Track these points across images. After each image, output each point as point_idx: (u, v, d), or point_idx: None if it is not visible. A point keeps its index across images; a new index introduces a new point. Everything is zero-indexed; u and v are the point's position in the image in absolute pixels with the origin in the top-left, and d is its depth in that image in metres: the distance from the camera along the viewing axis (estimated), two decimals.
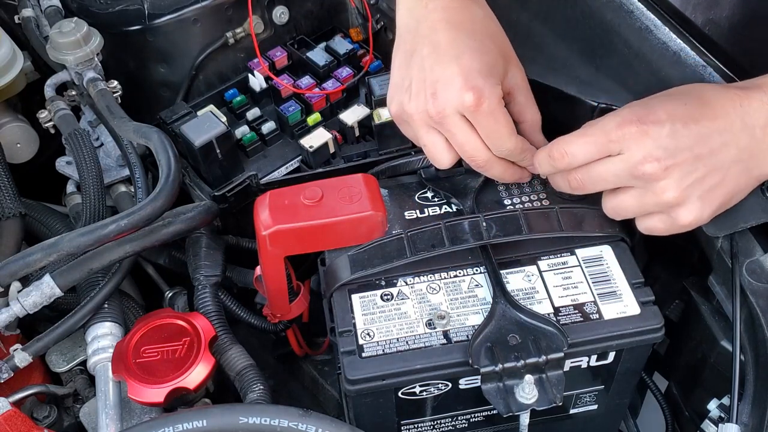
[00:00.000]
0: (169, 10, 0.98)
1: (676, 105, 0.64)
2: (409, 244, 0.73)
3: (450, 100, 0.68)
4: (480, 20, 0.73)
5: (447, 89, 0.68)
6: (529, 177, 0.77)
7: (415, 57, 0.71)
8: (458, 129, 0.70)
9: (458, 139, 0.71)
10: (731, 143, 0.63)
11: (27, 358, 0.76)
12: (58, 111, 0.95)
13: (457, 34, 0.70)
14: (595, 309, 0.69)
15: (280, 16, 1.05)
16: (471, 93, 0.67)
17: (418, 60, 0.71)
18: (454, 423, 0.75)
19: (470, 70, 0.68)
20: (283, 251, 0.74)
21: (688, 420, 0.81)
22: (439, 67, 0.69)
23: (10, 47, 0.98)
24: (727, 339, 0.72)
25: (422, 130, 0.72)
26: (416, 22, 0.72)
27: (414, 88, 0.71)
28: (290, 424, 0.60)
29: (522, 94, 0.75)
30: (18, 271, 0.74)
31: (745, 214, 0.67)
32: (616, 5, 0.78)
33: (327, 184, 0.75)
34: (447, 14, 0.71)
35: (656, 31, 0.76)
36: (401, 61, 0.73)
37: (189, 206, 0.84)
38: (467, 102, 0.67)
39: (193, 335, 0.74)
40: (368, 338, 0.68)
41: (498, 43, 0.73)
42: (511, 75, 0.73)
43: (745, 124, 0.63)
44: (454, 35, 0.70)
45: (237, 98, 0.99)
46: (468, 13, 0.72)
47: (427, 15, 0.71)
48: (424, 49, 0.71)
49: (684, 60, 0.74)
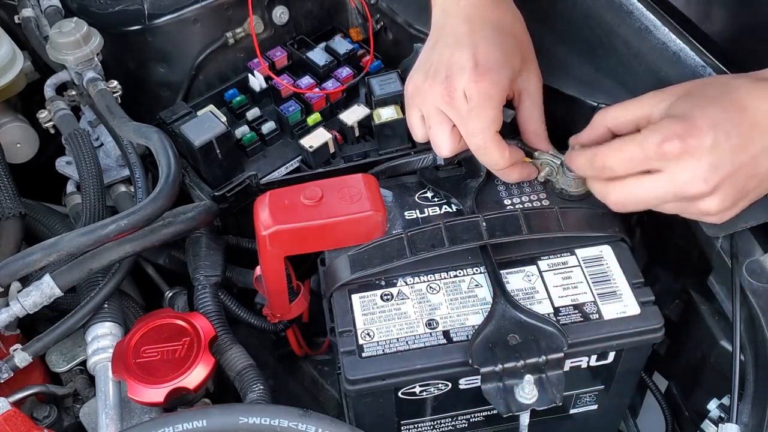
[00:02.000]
0: (168, 10, 0.98)
1: (716, 112, 0.62)
2: (409, 245, 0.73)
3: (461, 80, 0.71)
4: (508, 20, 0.76)
5: (461, 72, 0.71)
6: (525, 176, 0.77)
7: (439, 44, 0.75)
8: (465, 109, 0.71)
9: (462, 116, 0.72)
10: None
11: (27, 358, 0.76)
12: (58, 111, 0.95)
13: (481, 27, 0.74)
14: (595, 309, 0.69)
15: (280, 16, 1.05)
16: (480, 74, 0.70)
17: (440, 47, 0.75)
18: (454, 423, 0.75)
19: (485, 58, 0.71)
20: (283, 251, 0.74)
21: (688, 420, 0.81)
22: (457, 52, 0.72)
23: (10, 47, 0.98)
24: (727, 339, 0.72)
25: (432, 111, 0.74)
26: (446, 17, 0.77)
27: (432, 70, 0.74)
28: (290, 424, 0.60)
29: (530, 100, 0.76)
30: (18, 271, 0.74)
31: (746, 215, 0.67)
32: (616, 5, 0.78)
33: (327, 184, 0.75)
34: (476, 10, 0.75)
35: (656, 31, 0.76)
36: (426, 48, 0.77)
37: (189, 206, 0.84)
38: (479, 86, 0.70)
39: (193, 335, 0.74)
40: (368, 338, 0.68)
41: (520, 44, 0.76)
42: (526, 77, 0.75)
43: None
44: (478, 28, 0.73)
45: (237, 98, 0.99)
46: (497, 12, 0.76)
47: (458, 10, 0.76)
48: (449, 38, 0.75)
49: (683, 60, 0.74)
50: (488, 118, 0.71)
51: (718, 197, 0.63)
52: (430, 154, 0.82)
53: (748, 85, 0.65)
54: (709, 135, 0.61)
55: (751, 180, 0.63)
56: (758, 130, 0.62)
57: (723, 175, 0.62)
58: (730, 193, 0.63)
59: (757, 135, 0.62)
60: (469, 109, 0.71)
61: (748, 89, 0.64)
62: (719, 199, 0.63)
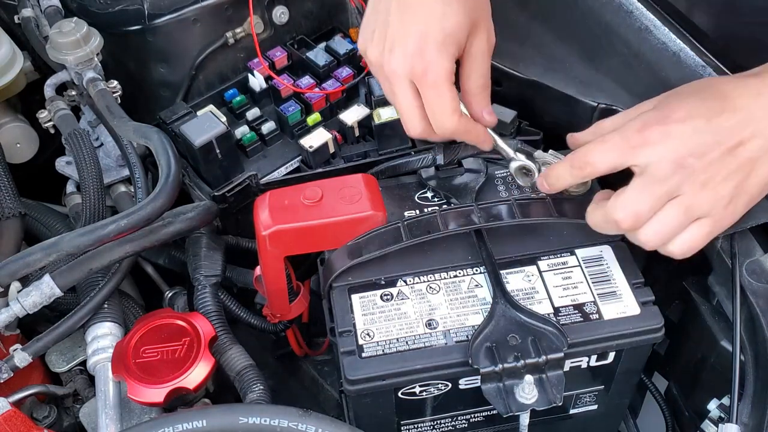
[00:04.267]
0: (168, 10, 0.98)
1: (695, 102, 0.63)
2: (405, 231, 0.72)
3: (400, 63, 0.69)
4: None
5: (400, 51, 0.69)
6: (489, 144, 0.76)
7: (383, 3, 0.72)
8: (403, 94, 0.71)
9: (401, 104, 0.72)
10: (758, 133, 0.62)
11: (27, 358, 0.76)
12: (58, 111, 0.95)
13: None
14: (595, 309, 0.69)
15: (280, 16, 1.05)
16: (420, 62, 0.68)
17: (383, 7, 0.71)
18: (454, 423, 0.75)
19: (426, 38, 0.68)
20: (283, 251, 0.74)
21: (688, 420, 0.81)
22: (400, 26, 0.70)
23: (10, 47, 0.98)
24: (727, 339, 0.72)
25: (380, 79, 0.74)
26: None
27: (375, 37, 0.72)
28: (290, 424, 0.60)
29: (475, 60, 0.73)
30: (18, 271, 0.74)
31: (745, 215, 0.67)
32: (616, 5, 0.78)
33: (327, 184, 0.75)
34: None
35: (656, 31, 0.76)
36: (371, 3, 0.73)
37: (189, 206, 0.84)
38: (415, 70, 0.69)
39: (193, 335, 0.74)
40: (368, 338, 0.68)
41: (469, 7, 0.71)
42: (475, 42, 0.72)
43: (767, 112, 0.62)
44: None
45: (237, 98, 0.99)
46: None
47: None
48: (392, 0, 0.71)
49: (683, 60, 0.74)
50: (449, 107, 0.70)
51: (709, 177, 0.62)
52: (430, 154, 0.82)
53: (731, 80, 0.66)
54: (689, 120, 0.62)
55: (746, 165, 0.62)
56: (742, 117, 0.62)
57: (710, 158, 0.61)
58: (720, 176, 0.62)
59: (741, 121, 0.62)
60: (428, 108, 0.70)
61: (730, 82, 0.65)
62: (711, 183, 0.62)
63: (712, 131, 0.62)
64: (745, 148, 0.62)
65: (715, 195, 0.63)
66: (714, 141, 0.62)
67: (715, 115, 0.62)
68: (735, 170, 0.62)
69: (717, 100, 0.63)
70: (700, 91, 0.65)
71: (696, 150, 0.62)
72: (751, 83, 0.63)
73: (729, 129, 0.62)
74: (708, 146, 0.62)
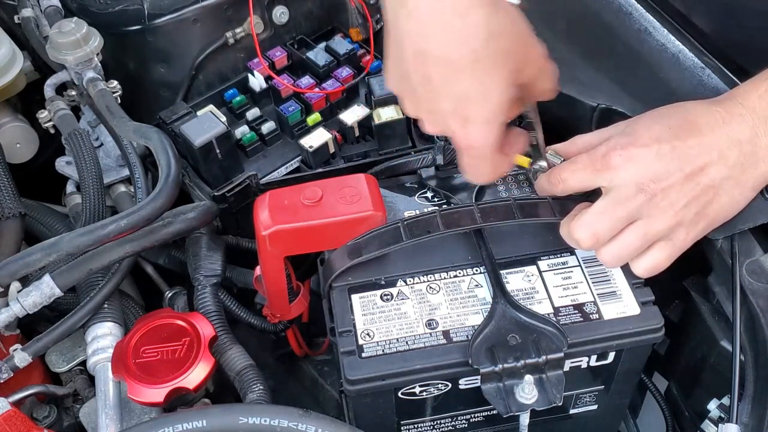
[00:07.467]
0: (168, 10, 0.98)
1: (661, 128, 0.64)
2: (405, 231, 0.72)
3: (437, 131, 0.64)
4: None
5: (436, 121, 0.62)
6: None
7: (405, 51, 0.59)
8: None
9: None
10: (720, 161, 0.63)
11: (27, 358, 0.76)
12: (57, 111, 0.95)
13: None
14: (595, 309, 0.69)
15: (280, 16, 1.05)
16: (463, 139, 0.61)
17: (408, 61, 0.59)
18: (454, 423, 0.75)
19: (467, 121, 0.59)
20: (283, 251, 0.74)
21: (688, 420, 0.81)
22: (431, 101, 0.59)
23: (10, 47, 0.98)
24: (727, 339, 0.72)
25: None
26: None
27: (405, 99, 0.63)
28: (290, 424, 0.60)
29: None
30: (18, 271, 0.74)
31: (745, 216, 0.67)
32: (616, 7, 0.78)
33: (327, 184, 0.75)
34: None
35: (655, 32, 0.76)
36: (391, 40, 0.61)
37: (189, 206, 0.84)
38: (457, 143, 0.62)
39: (193, 335, 0.74)
40: (368, 338, 0.68)
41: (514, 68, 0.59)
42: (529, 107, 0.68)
43: (731, 141, 0.63)
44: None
45: (237, 98, 0.99)
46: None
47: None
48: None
49: (683, 61, 0.74)
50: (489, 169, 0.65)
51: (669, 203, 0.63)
52: (429, 154, 0.82)
53: (701, 106, 0.66)
54: (654, 145, 0.63)
55: (708, 191, 0.63)
56: (707, 143, 0.63)
57: (670, 181, 0.62)
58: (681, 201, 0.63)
59: (706, 147, 0.63)
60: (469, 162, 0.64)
61: (699, 108, 0.66)
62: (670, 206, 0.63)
63: (676, 157, 0.63)
64: (706, 175, 0.63)
65: (675, 220, 0.64)
66: (676, 167, 0.63)
67: (680, 141, 0.63)
68: (696, 196, 0.63)
69: (683, 125, 0.64)
70: (669, 116, 0.66)
71: (657, 175, 0.63)
72: (717, 111, 0.64)
73: (692, 155, 0.63)
74: (669, 172, 0.62)
